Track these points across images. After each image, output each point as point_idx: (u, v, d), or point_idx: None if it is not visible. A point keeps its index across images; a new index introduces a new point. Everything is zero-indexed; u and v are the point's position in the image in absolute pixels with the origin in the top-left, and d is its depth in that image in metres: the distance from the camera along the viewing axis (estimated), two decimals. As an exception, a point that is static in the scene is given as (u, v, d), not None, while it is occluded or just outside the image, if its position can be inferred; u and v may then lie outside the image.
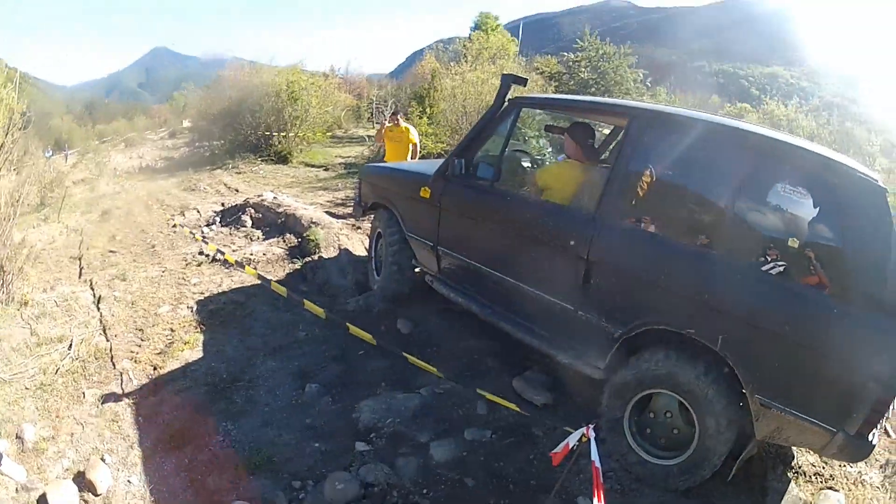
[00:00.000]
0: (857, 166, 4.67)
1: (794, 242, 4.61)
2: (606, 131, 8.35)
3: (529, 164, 7.66)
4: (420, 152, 14.60)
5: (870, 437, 4.36)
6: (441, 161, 7.46)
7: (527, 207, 6.31)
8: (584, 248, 5.46)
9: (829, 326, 4.34)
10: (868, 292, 4.25)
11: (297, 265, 10.33)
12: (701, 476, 5.04)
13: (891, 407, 4.41)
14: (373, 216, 9.06)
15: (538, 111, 10.55)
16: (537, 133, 12.51)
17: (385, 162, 13.42)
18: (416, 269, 8.15)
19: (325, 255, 10.37)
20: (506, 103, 6.70)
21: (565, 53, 41.94)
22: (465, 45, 41.60)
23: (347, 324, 7.18)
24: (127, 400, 6.26)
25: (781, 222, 4.88)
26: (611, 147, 7.95)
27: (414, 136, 14.23)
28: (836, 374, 4.31)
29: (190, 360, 7.02)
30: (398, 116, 14.65)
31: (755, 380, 4.63)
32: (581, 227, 5.57)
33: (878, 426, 4.43)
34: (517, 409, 5.76)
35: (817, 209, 4.69)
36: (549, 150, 9.97)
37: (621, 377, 5.29)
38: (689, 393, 4.89)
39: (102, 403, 6.14)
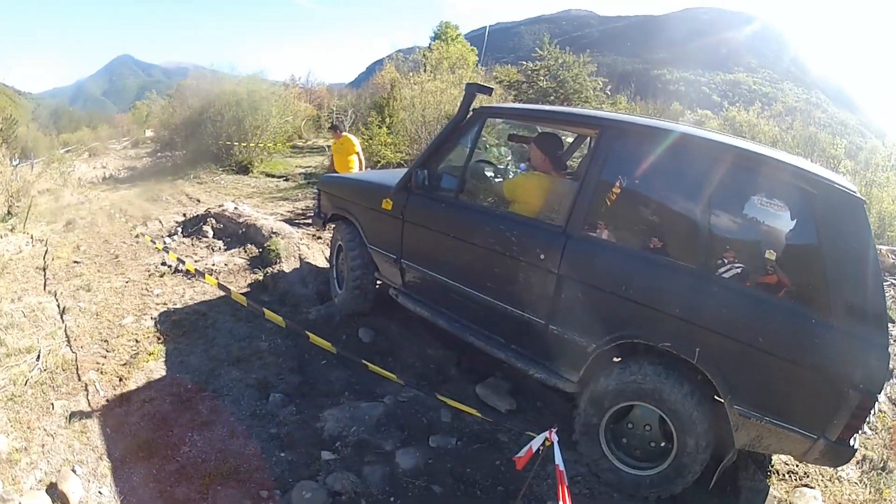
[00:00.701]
0: (836, 178, 4.74)
1: (770, 255, 4.68)
2: (569, 140, 8.18)
3: (494, 175, 7.42)
4: (380, 162, 14.83)
5: (851, 442, 4.45)
6: (401, 171, 7.61)
7: (494, 220, 6.15)
8: (555, 261, 5.42)
9: (808, 337, 4.42)
10: (849, 302, 4.33)
11: (259, 275, 10.35)
12: (672, 490, 5.12)
13: (872, 411, 4.49)
14: (334, 227, 8.90)
15: (499, 120, 9.98)
16: (497, 141, 12.45)
17: (334, 172, 13.96)
18: (378, 283, 8.09)
19: (285, 265, 10.40)
20: (470, 113, 6.54)
21: (525, 62, 41.97)
22: (424, 55, 41.51)
23: (308, 332, 7.20)
24: (94, 411, 6.26)
25: (758, 234, 4.87)
26: (574, 157, 8.04)
27: (356, 145, 14.86)
28: (817, 383, 4.42)
29: (155, 371, 7.03)
30: (338, 129, 15.44)
31: (734, 391, 4.68)
32: (551, 240, 5.50)
33: (860, 431, 4.65)
34: (479, 415, 5.83)
35: (794, 221, 4.69)
36: (510, 158, 9.85)
37: (603, 385, 5.23)
38: (673, 412, 4.91)
39: (71, 415, 6.14)
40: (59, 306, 8.92)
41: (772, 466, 5.71)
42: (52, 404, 6.30)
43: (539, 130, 7.19)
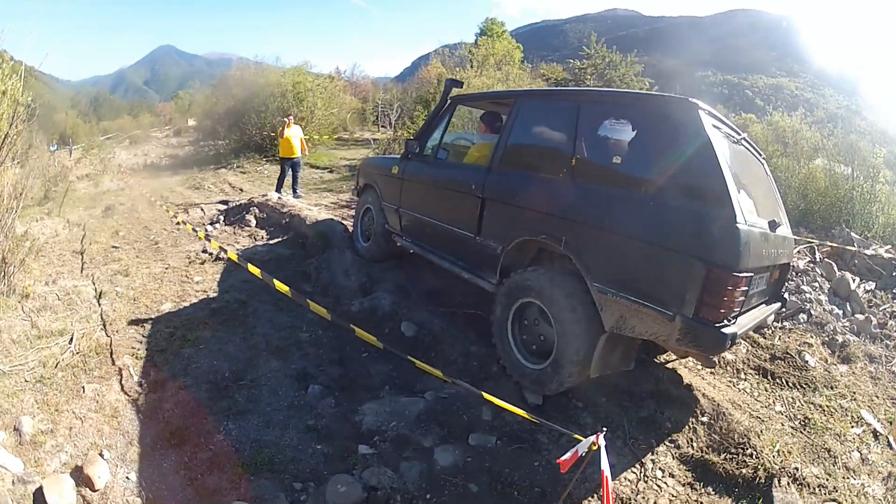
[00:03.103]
0: (664, 94, 6.02)
1: (617, 159, 5.85)
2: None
3: (462, 144, 9.42)
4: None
5: (720, 326, 4.93)
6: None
7: (452, 170, 8.41)
8: (480, 189, 7.16)
9: (646, 217, 5.27)
10: (683, 184, 5.13)
11: (301, 266, 10.33)
12: (564, 379, 5.99)
13: (735, 290, 4.87)
14: (360, 196, 11.08)
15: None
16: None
17: (279, 151, 19.03)
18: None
19: (328, 257, 10.37)
20: (448, 101, 8.82)
21: (571, 61, 41.98)
22: (470, 51, 41.57)
23: (353, 326, 7.12)
24: (127, 396, 6.20)
25: (608, 147, 6.02)
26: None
27: (299, 133, 18.88)
28: (662, 258, 5.12)
29: (191, 358, 6.95)
30: (290, 118, 19.20)
31: (591, 269, 5.70)
32: (480, 175, 7.26)
33: (728, 313, 4.96)
34: (527, 415, 5.68)
35: (635, 132, 5.76)
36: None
37: (503, 289, 6.70)
38: (547, 299, 6.08)
39: (102, 399, 6.06)
40: (95, 290, 8.88)
41: (803, 479, 5.60)
42: (83, 387, 6.23)
43: (487, 111, 9.36)
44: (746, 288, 5.03)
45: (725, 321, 4.94)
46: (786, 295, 7.55)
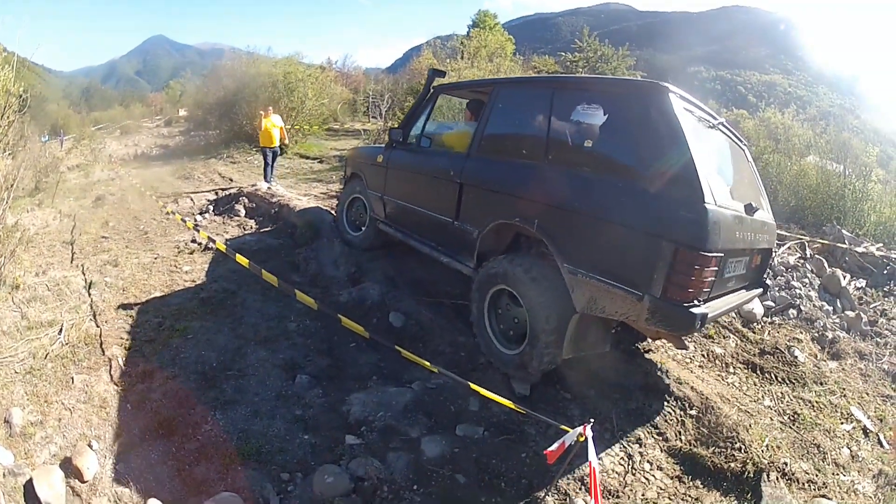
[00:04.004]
0: (635, 78, 6.05)
1: (588, 143, 5.94)
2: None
3: (444, 132, 9.43)
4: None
5: (689, 306, 4.97)
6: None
7: (433, 157, 8.33)
8: (459, 174, 7.32)
9: (616, 199, 5.37)
10: (652, 167, 5.19)
11: (290, 256, 10.32)
12: (543, 353, 6.06)
13: (704, 270, 4.90)
14: (345, 185, 11.31)
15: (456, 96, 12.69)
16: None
17: (259, 141, 18.97)
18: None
19: (317, 247, 10.38)
20: (431, 90, 9.04)
21: (563, 53, 42.01)
22: (462, 43, 41.56)
23: (340, 316, 7.11)
24: (116, 387, 6.19)
25: (579, 131, 6.11)
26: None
27: (278, 122, 18.90)
28: (631, 239, 5.21)
29: (180, 348, 6.94)
30: (269, 108, 19.44)
31: (562, 251, 5.80)
32: (459, 162, 7.43)
33: (697, 293, 5.01)
34: (514, 406, 5.66)
35: (606, 116, 5.82)
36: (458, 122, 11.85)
37: (475, 285, 6.91)
38: (511, 280, 6.32)
39: (91, 389, 6.04)
40: (85, 281, 8.87)
41: (792, 474, 5.66)
42: (72, 378, 6.22)
43: (472, 98, 9.55)
44: (716, 269, 5.09)
45: (695, 301, 5.00)
46: (768, 282, 7.56)
